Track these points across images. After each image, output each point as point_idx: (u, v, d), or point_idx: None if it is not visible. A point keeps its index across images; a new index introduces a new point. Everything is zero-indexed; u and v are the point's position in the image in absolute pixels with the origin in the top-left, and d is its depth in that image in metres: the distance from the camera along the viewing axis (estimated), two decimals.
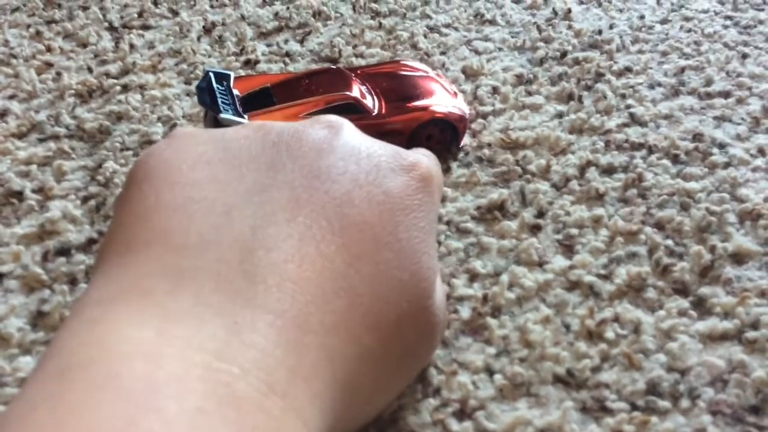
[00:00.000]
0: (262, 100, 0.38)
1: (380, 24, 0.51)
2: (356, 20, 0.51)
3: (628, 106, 0.43)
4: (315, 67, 0.46)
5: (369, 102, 0.39)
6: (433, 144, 0.39)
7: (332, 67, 0.41)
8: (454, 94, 0.41)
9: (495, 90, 0.44)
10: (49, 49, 0.49)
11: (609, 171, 0.39)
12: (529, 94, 0.44)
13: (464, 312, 0.32)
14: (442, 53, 0.48)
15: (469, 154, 0.40)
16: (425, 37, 0.49)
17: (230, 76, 0.39)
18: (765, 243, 0.34)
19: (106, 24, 0.52)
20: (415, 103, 0.39)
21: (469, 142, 0.41)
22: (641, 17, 0.51)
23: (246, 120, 0.36)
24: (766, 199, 0.36)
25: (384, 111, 0.38)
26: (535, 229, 0.35)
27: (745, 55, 0.47)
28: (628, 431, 0.27)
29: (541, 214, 0.36)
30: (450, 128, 0.39)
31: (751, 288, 0.32)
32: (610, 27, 0.50)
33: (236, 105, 0.37)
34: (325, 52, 0.48)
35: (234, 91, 0.38)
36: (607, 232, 0.35)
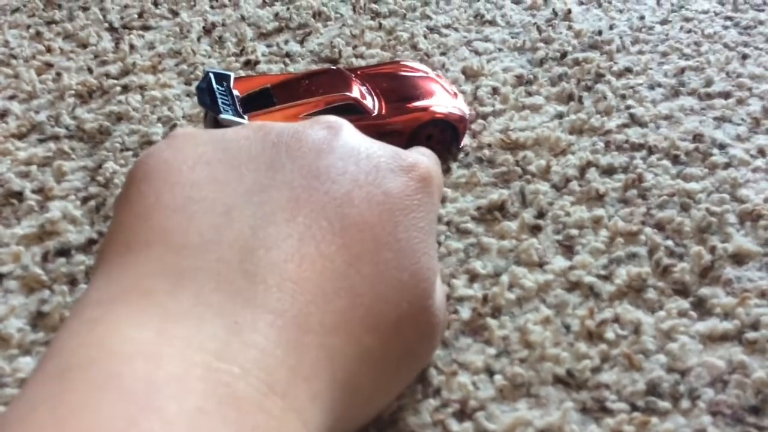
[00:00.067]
0: (262, 100, 0.38)
1: (380, 25, 0.51)
2: (356, 21, 0.51)
3: (628, 107, 0.43)
4: (315, 68, 0.46)
5: (369, 102, 0.39)
6: (433, 144, 0.39)
7: (332, 67, 0.41)
8: (454, 94, 0.41)
9: (495, 90, 0.44)
10: (49, 50, 0.49)
11: (609, 171, 0.39)
12: (529, 94, 0.44)
13: (464, 312, 0.32)
14: (442, 54, 0.48)
15: (469, 155, 0.40)
16: (425, 37, 0.49)
17: (230, 77, 0.39)
18: (765, 243, 0.34)
19: (107, 24, 0.52)
20: (415, 104, 0.39)
21: (469, 143, 0.41)
22: (641, 18, 0.51)
23: (246, 120, 0.36)
24: (767, 200, 0.36)
25: (384, 111, 0.38)
26: (535, 230, 0.35)
27: (745, 56, 0.47)
28: None
29: (541, 215, 0.36)
30: (450, 129, 0.39)
31: (751, 288, 0.32)
32: (610, 28, 0.50)
33: (236, 105, 0.37)
34: (325, 52, 0.48)
35: (234, 92, 0.38)
36: (607, 233, 0.35)
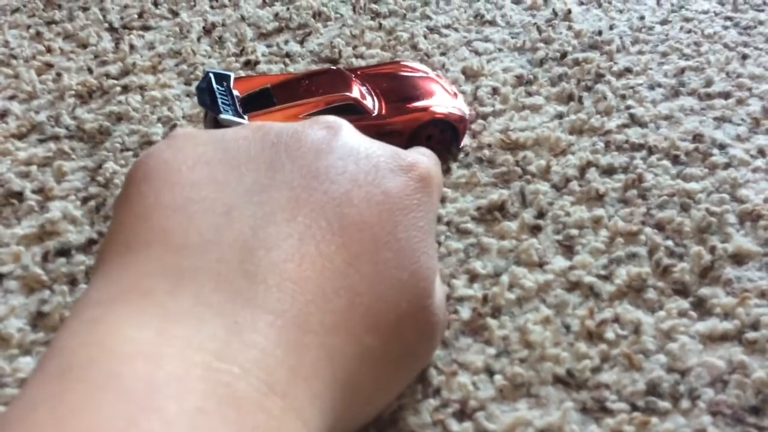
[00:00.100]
0: (262, 100, 0.38)
1: (380, 25, 0.51)
2: (356, 21, 0.51)
3: (628, 107, 0.43)
4: (315, 68, 0.46)
5: (369, 103, 0.39)
6: (433, 144, 0.39)
7: (332, 67, 0.41)
8: (454, 94, 0.41)
9: (495, 91, 0.44)
10: (49, 50, 0.49)
11: (609, 172, 0.39)
12: (529, 94, 0.44)
13: (464, 312, 0.32)
14: (442, 54, 0.48)
15: (469, 155, 0.40)
16: (425, 37, 0.49)
17: (230, 77, 0.39)
18: (765, 244, 0.34)
19: (107, 25, 0.52)
20: (415, 104, 0.39)
21: (469, 143, 0.41)
22: (641, 18, 0.51)
23: (246, 121, 0.36)
24: (766, 200, 0.36)
25: (384, 112, 0.39)
26: (535, 230, 0.35)
27: (745, 56, 0.47)
28: None
29: (541, 215, 0.36)
30: (450, 129, 0.39)
31: (751, 288, 0.32)
32: (610, 28, 0.50)
33: (236, 106, 0.37)
34: (325, 52, 0.48)
35: (234, 92, 0.38)
36: (607, 233, 0.35)
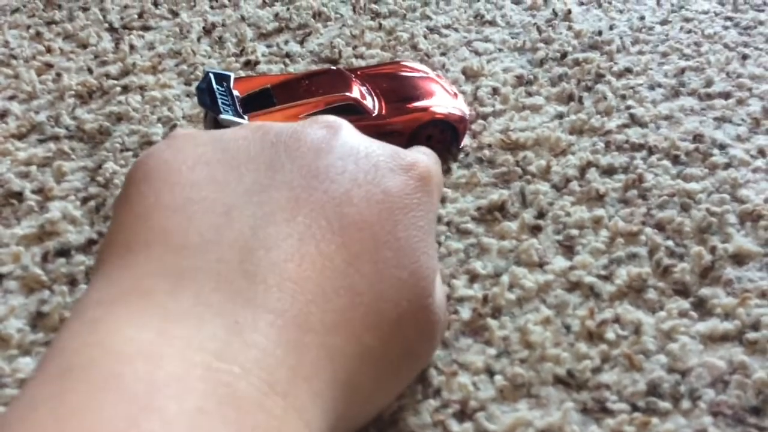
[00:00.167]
0: (262, 100, 0.38)
1: (380, 25, 0.51)
2: (356, 21, 0.51)
3: (629, 107, 0.43)
4: (315, 68, 0.46)
5: (369, 103, 0.39)
6: (433, 145, 0.38)
7: (332, 68, 0.41)
8: (455, 94, 0.41)
9: (495, 91, 0.44)
10: (49, 50, 0.49)
11: (609, 172, 0.39)
12: (530, 95, 0.44)
13: (464, 313, 0.32)
14: (442, 54, 0.48)
15: (470, 155, 0.40)
16: (425, 38, 0.49)
17: (230, 77, 0.39)
18: (765, 244, 0.34)
19: (107, 25, 0.52)
20: (415, 104, 0.39)
21: (470, 143, 0.41)
22: (641, 18, 0.51)
23: (246, 121, 0.36)
24: (767, 200, 0.36)
25: (384, 112, 0.38)
26: (536, 230, 0.35)
27: (745, 56, 0.47)
28: None
29: (541, 215, 0.36)
30: (450, 129, 0.39)
31: (751, 289, 0.32)
32: (610, 28, 0.50)
33: (236, 106, 0.37)
34: (325, 53, 0.48)
35: (234, 92, 0.38)
36: (608, 233, 0.35)
